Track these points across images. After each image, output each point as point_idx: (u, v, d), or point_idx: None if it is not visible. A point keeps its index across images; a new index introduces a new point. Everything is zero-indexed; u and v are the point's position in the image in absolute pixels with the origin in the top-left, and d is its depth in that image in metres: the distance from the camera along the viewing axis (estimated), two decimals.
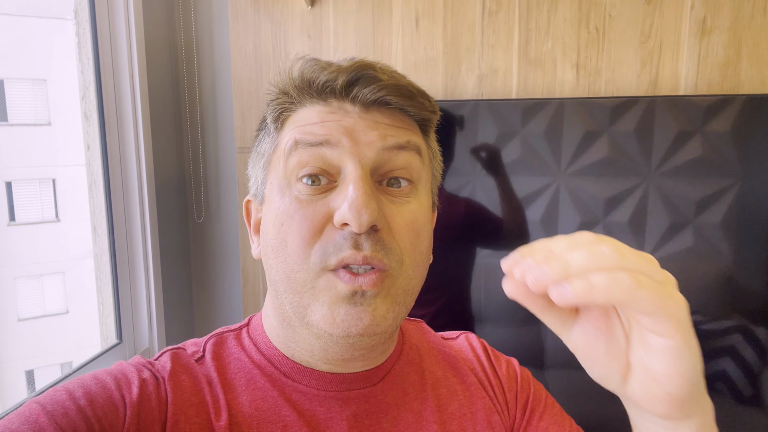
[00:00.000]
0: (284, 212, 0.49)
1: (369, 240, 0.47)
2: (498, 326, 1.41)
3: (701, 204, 1.28)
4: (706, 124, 1.25)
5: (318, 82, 0.50)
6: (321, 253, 0.47)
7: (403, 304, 0.50)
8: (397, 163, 0.50)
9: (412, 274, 0.51)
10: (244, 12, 1.50)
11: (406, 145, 0.50)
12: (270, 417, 0.52)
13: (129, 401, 0.47)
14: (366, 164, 0.48)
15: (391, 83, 0.50)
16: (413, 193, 0.52)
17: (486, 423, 0.60)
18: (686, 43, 1.34)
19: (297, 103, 0.52)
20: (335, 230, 0.47)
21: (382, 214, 0.48)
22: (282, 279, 0.49)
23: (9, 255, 8.19)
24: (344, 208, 0.46)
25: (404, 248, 0.49)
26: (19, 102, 8.12)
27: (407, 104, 0.51)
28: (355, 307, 0.47)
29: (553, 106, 1.30)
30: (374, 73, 0.49)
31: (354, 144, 0.48)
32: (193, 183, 1.64)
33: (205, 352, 0.56)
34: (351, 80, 0.49)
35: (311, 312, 0.48)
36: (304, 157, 0.49)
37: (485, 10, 1.40)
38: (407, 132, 0.51)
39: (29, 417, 0.42)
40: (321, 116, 0.50)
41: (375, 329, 0.48)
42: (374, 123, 0.50)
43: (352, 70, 0.49)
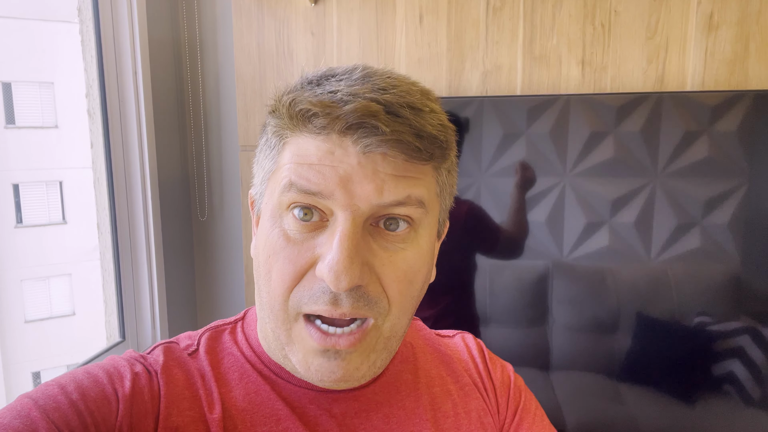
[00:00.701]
0: (272, 245, 0.48)
1: (350, 297, 0.45)
2: (503, 327, 1.39)
3: (709, 204, 1.26)
4: (714, 122, 1.24)
5: (315, 123, 0.46)
6: (298, 299, 0.46)
7: (385, 350, 0.49)
8: (393, 213, 0.47)
9: (397, 322, 0.49)
10: (247, 9, 1.50)
11: (405, 201, 0.46)
12: (263, 411, 0.51)
13: (121, 395, 0.47)
14: (358, 218, 0.45)
15: (394, 139, 0.44)
16: (410, 238, 0.48)
17: (479, 423, 0.59)
18: (693, 38, 1.32)
19: (296, 129, 0.48)
20: (315, 279, 0.46)
21: (369, 269, 0.46)
22: (266, 307, 0.50)
23: (16, 257, 8.23)
24: (324, 267, 0.44)
25: (393, 298, 0.47)
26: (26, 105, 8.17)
27: (412, 157, 0.46)
28: (328, 361, 0.47)
29: (558, 102, 1.29)
30: (375, 122, 0.44)
31: (348, 196, 0.44)
32: (197, 181, 1.64)
33: (199, 345, 0.56)
34: (351, 126, 0.44)
35: (290, 351, 0.49)
36: (296, 199, 0.46)
37: (489, 7, 1.39)
38: (409, 183, 0.47)
39: (21, 411, 0.42)
40: (318, 156, 0.45)
41: (349, 380, 0.47)
42: (373, 172, 0.45)
43: (351, 118, 0.44)
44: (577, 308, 1.36)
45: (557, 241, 1.33)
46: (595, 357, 1.35)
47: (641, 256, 1.30)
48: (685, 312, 1.31)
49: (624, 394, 1.33)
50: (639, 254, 1.30)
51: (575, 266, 1.34)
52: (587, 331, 1.36)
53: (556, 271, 1.35)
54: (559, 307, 1.36)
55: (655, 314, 1.34)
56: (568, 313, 1.36)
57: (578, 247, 1.33)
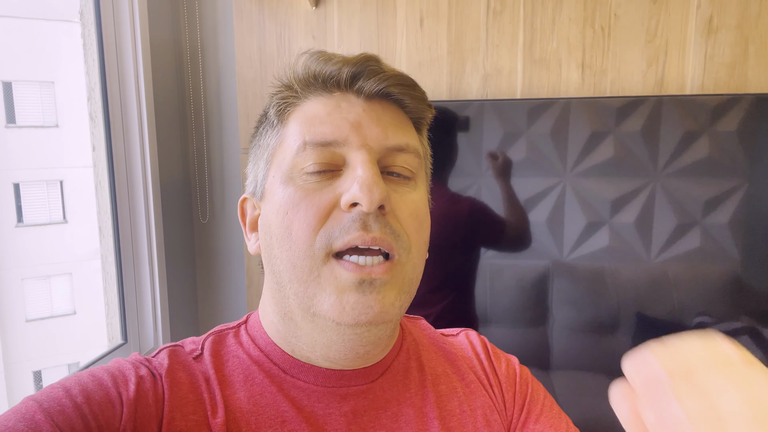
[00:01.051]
0: (289, 201, 0.49)
1: (378, 221, 0.47)
2: (503, 327, 1.40)
3: (709, 204, 1.27)
4: (713, 124, 1.24)
5: (323, 74, 0.52)
6: (326, 237, 0.48)
7: (408, 293, 0.51)
8: (396, 161, 0.52)
9: (417, 263, 0.52)
10: (248, 13, 1.50)
11: (405, 147, 0.52)
12: (268, 412, 0.51)
13: (126, 398, 0.47)
14: (372, 153, 0.50)
15: (395, 74, 0.52)
16: (413, 184, 0.53)
17: (485, 421, 0.60)
18: (692, 42, 1.33)
19: (301, 96, 0.53)
20: (342, 213, 0.48)
21: (389, 197, 0.49)
22: (287, 268, 0.50)
23: (17, 256, 8.23)
24: (354, 188, 0.47)
25: (411, 235, 0.51)
26: (27, 104, 8.16)
27: (409, 95, 0.53)
28: (364, 296, 0.47)
29: (558, 106, 1.30)
30: (378, 65, 0.51)
31: (361, 138, 0.49)
32: (198, 183, 1.65)
33: (203, 350, 0.56)
34: (356, 72, 0.51)
35: (318, 302, 0.48)
36: (313, 157, 0.50)
37: (490, 10, 1.40)
38: (407, 133, 0.53)
39: (25, 414, 0.42)
40: (326, 110, 0.51)
41: (384, 317, 0.48)
42: (377, 118, 0.51)
43: (357, 62, 0.51)
44: (578, 308, 1.36)
45: (557, 242, 1.34)
46: (596, 357, 1.36)
47: (641, 256, 1.31)
48: (685, 312, 1.31)
49: None
50: (639, 254, 1.31)
51: (575, 266, 1.34)
52: (587, 331, 1.37)
53: (556, 271, 1.36)
54: (559, 307, 1.37)
55: (655, 314, 1.35)
56: (569, 313, 1.37)
57: (578, 247, 1.33)
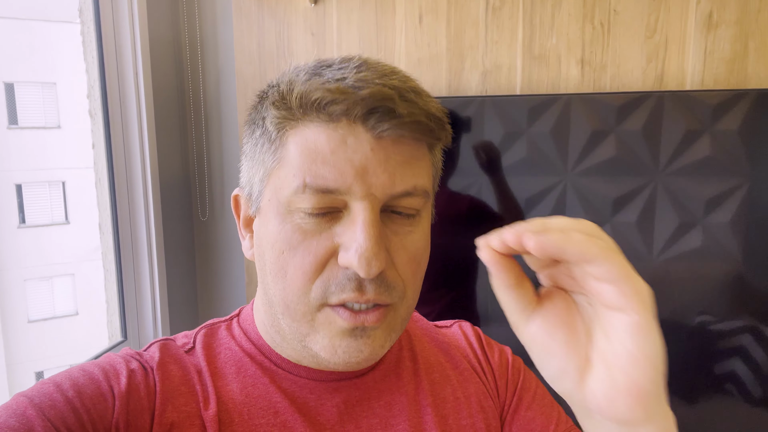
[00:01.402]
0: (285, 240, 0.47)
1: (373, 283, 0.46)
2: (503, 325, 1.39)
3: (710, 203, 1.26)
4: (714, 121, 1.24)
5: (329, 110, 0.45)
6: (322, 289, 0.47)
7: (399, 331, 0.51)
8: (402, 204, 0.48)
9: (411, 303, 0.52)
10: (247, 10, 1.50)
11: (412, 191, 0.48)
12: (261, 403, 0.52)
13: (117, 392, 0.47)
14: (376, 205, 0.46)
15: (411, 120, 0.45)
16: (416, 222, 0.50)
17: (479, 407, 0.60)
18: (692, 38, 1.32)
19: (300, 119, 0.47)
20: (338, 268, 0.46)
21: (387, 253, 0.47)
22: (280, 303, 0.49)
23: (19, 257, 8.26)
24: (352, 254, 0.44)
25: (407, 282, 0.49)
26: (29, 105, 8.19)
27: (424, 138, 0.48)
28: (355, 341, 0.47)
29: (559, 102, 1.29)
30: (393, 106, 0.44)
31: (365, 187, 0.45)
32: (198, 181, 1.65)
33: (195, 342, 0.56)
34: (368, 112, 0.44)
35: (311, 341, 0.49)
36: (312, 202, 0.46)
37: (489, 6, 1.40)
38: (416, 171, 0.48)
39: (17, 410, 0.42)
40: (331, 147, 0.45)
41: (373, 357, 0.49)
42: (386, 159, 0.46)
43: (369, 102, 0.44)
44: None
45: None
46: None
47: (643, 255, 1.30)
48: (687, 311, 1.31)
49: None
50: (640, 253, 1.31)
51: None
52: None
53: None
54: None
55: (657, 313, 1.34)
56: None
57: None
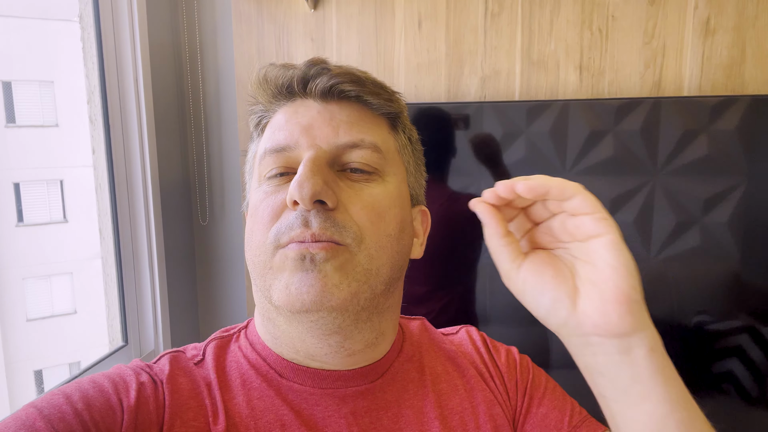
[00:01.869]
0: (253, 205, 0.53)
1: (318, 217, 0.48)
2: (503, 325, 1.41)
3: (708, 203, 1.27)
4: (711, 125, 1.25)
5: (279, 84, 0.54)
6: (275, 233, 0.49)
7: (365, 283, 0.49)
8: (352, 158, 0.52)
9: (374, 254, 0.50)
10: (247, 15, 1.50)
11: (359, 143, 0.52)
12: (267, 417, 0.52)
13: (126, 405, 0.47)
14: (321, 154, 0.50)
15: (342, 71, 0.53)
16: (376, 179, 0.53)
17: (488, 416, 0.60)
18: (690, 43, 1.33)
19: (270, 110, 0.56)
20: (290, 212, 0.50)
21: (334, 193, 0.49)
22: (251, 266, 0.52)
23: (17, 256, 8.23)
24: (291, 185, 0.48)
25: (363, 226, 0.49)
26: (26, 103, 8.15)
27: (359, 91, 0.53)
28: (306, 274, 0.47)
29: (557, 107, 1.30)
30: (326, 65, 0.53)
31: (310, 139, 0.51)
32: (198, 186, 1.65)
33: (205, 355, 0.56)
34: (305, 75, 0.53)
35: (273, 291, 0.49)
36: (270, 162, 0.53)
37: (488, 12, 1.40)
38: (363, 128, 0.53)
39: (26, 421, 0.42)
40: (285, 117, 0.54)
41: (328, 298, 0.47)
42: (330, 118, 0.52)
43: (304, 65, 0.53)
44: None
45: None
46: None
47: (641, 254, 1.31)
48: (685, 310, 1.32)
49: None
50: (638, 253, 1.31)
51: None
52: None
53: None
54: None
55: (655, 313, 1.34)
56: None
57: None
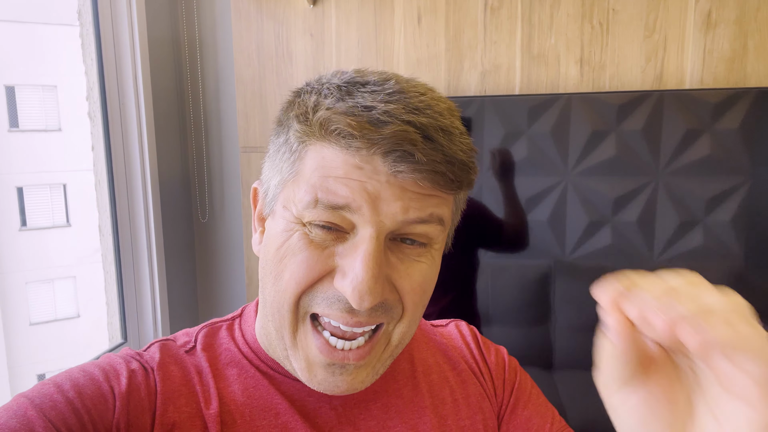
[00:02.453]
0: (289, 247, 0.47)
1: (367, 311, 0.45)
2: (505, 326, 1.39)
3: (711, 202, 1.26)
4: (714, 120, 1.24)
5: (350, 144, 0.44)
6: (310, 299, 0.47)
7: (390, 357, 0.51)
8: (414, 231, 0.47)
9: (407, 330, 0.50)
10: (246, 11, 1.50)
11: (428, 219, 0.46)
12: (262, 404, 0.52)
13: (118, 392, 0.47)
14: (382, 233, 0.45)
15: (430, 169, 0.44)
16: (426, 252, 0.49)
17: (477, 408, 0.61)
18: (691, 37, 1.32)
19: (320, 139, 0.46)
20: (332, 287, 0.46)
21: (388, 284, 0.46)
22: (271, 307, 0.49)
23: (21, 260, 8.26)
24: (347, 285, 0.44)
25: (407, 308, 0.49)
26: (30, 108, 8.19)
27: (442, 185, 0.46)
28: (332, 376, 0.47)
29: (559, 102, 1.29)
30: (414, 150, 0.43)
31: (374, 213, 0.44)
32: (197, 183, 1.65)
33: (196, 342, 0.56)
34: (387, 152, 0.43)
35: (292, 356, 0.49)
36: (322, 216, 0.45)
37: (487, 6, 1.40)
38: (433, 202, 0.47)
39: (17, 411, 0.42)
40: (345, 170, 0.44)
41: (352, 391, 0.48)
42: (401, 191, 0.45)
43: (390, 143, 0.43)
44: (580, 307, 1.35)
45: (559, 240, 1.33)
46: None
47: (644, 254, 1.30)
48: None
49: None
50: (641, 253, 1.30)
51: (578, 265, 1.34)
52: (590, 330, 1.36)
53: (558, 270, 1.35)
54: (561, 306, 1.36)
55: None
56: (571, 312, 1.36)
57: (581, 246, 1.33)
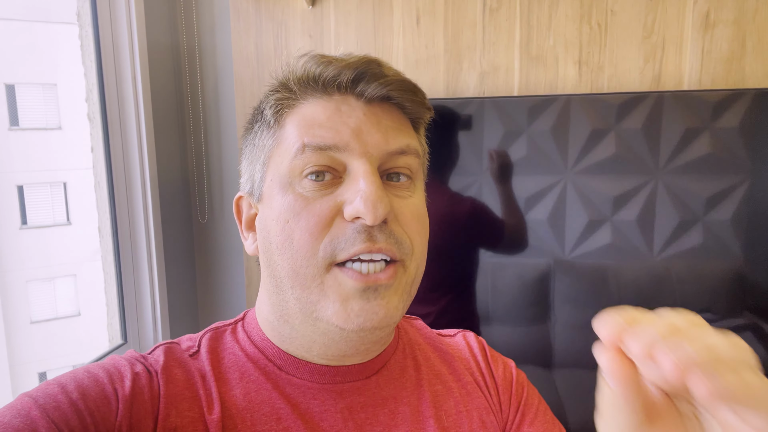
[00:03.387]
0: (289, 209, 0.49)
1: (383, 232, 0.48)
2: (504, 325, 1.40)
3: (711, 201, 1.26)
4: (712, 120, 1.24)
5: (324, 77, 0.51)
6: (331, 247, 0.48)
7: (410, 294, 0.52)
8: (398, 163, 0.52)
9: (420, 263, 0.53)
10: (245, 12, 1.50)
11: (406, 149, 0.52)
12: (263, 409, 0.52)
13: (121, 394, 0.47)
14: (373, 162, 0.49)
15: (397, 79, 0.51)
16: (413, 188, 0.53)
17: (480, 422, 0.60)
18: (690, 37, 1.32)
19: (299, 98, 0.52)
20: (346, 223, 0.48)
21: (391, 207, 0.49)
22: (289, 275, 0.50)
23: (21, 258, 8.26)
24: (358, 202, 0.47)
25: (414, 239, 0.51)
26: (30, 106, 8.19)
27: (409, 99, 0.52)
28: (368, 302, 0.48)
29: (558, 103, 1.29)
30: (380, 69, 0.51)
31: (362, 145, 0.49)
32: (197, 184, 1.65)
33: (200, 346, 0.56)
34: (357, 76, 0.50)
35: (321, 308, 0.49)
36: (312, 159, 0.49)
37: (486, 7, 1.40)
38: (407, 135, 0.53)
39: (21, 410, 0.42)
40: (326, 114, 0.50)
41: (389, 321, 0.49)
42: (377, 122, 0.50)
43: (358, 65, 0.50)
44: (579, 306, 1.36)
45: (559, 239, 1.34)
46: None
47: (643, 253, 1.30)
48: (688, 309, 1.30)
49: None
50: (641, 251, 1.30)
51: (577, 264, 1.34)
52: (589, 329, 1.36)
53: (558, 269, 1.35)
54: (561, 304, 1.37)
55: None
56: (570, 310, 1.36)
57: (580, 245, 1.33)
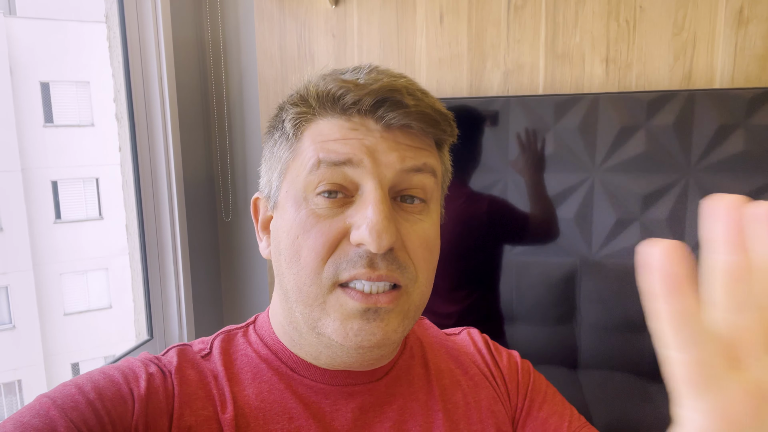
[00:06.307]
0: (300, 225, 0.50)
1: (385, 260, 0.48)
2: (530, 325, 1.38)
3: None
4: (746, 119, 1.20)
5: (344, 101, 0.50)
6: (334, 268, 0.48)
7: (413, 318, 0.52)
8: (412, 183, 0.51)
9: (425, 290, 0.53)
10: (269, 13, 1.51)
11: (422, 168, 0.51)
12: (276, 409, 0.53)
13: (137, 395, 0.48)
14: (385, 184, 0.49)
15: (417, 111, 0.50)
16: (425, 211, 0.53)
17: (489, 412, 0.61)
18: (722, 34, 1.28)
19: (317, 114, 0.52)
20: (350, 246, 0.48)
21: (398, 233, 0.49)
22: (293, 290, 0.51)
23: (55, 252, 8.50)
24: (363, 230, 0.47)
25: (419, 266, 0.51)
26: (63, 104, 8.40)
27: (429, 130, 0.52)
28: (368, 323, 0.48)
29: (584, 101, 1.27)
30: (401, 98, 0.50)
31: (375, 164, 0.49)
32: (221, 182, 1.67)
33: (212, 348, 0.57)
34: (378, 103, 0.50)
35: (323, 325, 0.50)
36: (326, 176, 0.49)
37: (510, 5, 1.38)
38: (424, 153, 0.52)
39: (40, 410, 0.43)
40: (342, 132, 0.50)
41: (386, 342, 0.50)
42: (395, 144, 0.50)
43: (379, 93, 0.49)
44: (606, 306, 1.34)
45: (586, 238, 1.31)
46: (625, 356, 1.33)
47: None
48: None
49: (654, 394, 1.30)
50: None
51: (605, 264, 1.32)
52: (616, 330, 1.34)
53: (584, 269, 1.33)
54: (587, 305, 1.35)
55: None
56: (597, 311, 1.34)
57: (608, 244, 1.31)
